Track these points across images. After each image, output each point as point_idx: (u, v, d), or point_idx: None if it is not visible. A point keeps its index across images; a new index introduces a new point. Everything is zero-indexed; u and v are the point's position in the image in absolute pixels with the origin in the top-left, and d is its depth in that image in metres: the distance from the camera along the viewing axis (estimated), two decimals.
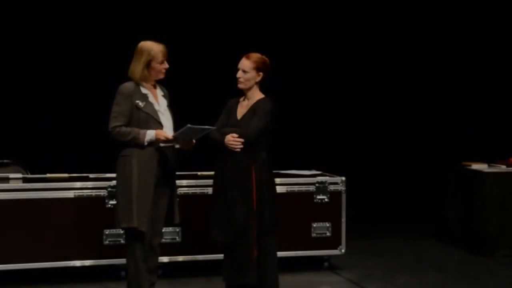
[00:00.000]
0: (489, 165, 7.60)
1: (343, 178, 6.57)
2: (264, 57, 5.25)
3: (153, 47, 5.07)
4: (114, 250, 6.00)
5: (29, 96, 8.18)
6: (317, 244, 6.48)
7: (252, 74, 5.19)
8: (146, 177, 4.94)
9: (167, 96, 5.26)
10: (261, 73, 5.22)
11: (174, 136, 4.92)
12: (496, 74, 9.67)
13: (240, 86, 5.24)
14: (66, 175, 6.45)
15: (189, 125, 4.84)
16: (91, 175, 6.47)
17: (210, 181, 5.67)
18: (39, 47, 8.24)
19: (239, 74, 5.21)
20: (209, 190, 5.77)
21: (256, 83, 5.23)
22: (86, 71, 8.28)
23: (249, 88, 5.23)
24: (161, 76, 5.15)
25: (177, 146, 5.09)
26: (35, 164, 6.99)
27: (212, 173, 5.55)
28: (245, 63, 5.19)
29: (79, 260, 5.98)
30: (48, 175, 6.46)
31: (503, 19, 9.60)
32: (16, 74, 8.17)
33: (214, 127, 5.00)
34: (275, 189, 5.25)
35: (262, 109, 5.14)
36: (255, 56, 5.22)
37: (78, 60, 8.29)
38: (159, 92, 5.20)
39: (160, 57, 5.06)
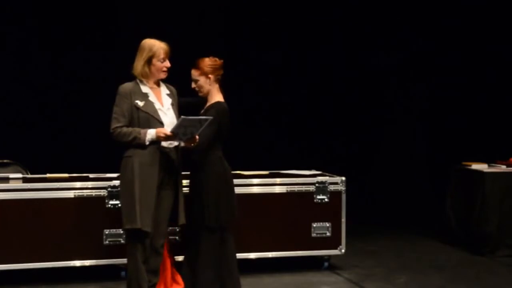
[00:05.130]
0: (489, 165, 7.60)
1: (343, 178, 6.57)
2: (209, 59, 5.33)
3: (155, 44, 5.07)
4: (114, 250, 6.00)
5: (29, 96, 8.17)
6: (317, 244, 6.48)
7: (201, 80, 5.30)
8: (149, 178, 4.94)
9: (174, 94, 5.24)
10: (210, 76, 5.31)
11: (172, 132, 4.91)
12: (496, 74, 9.68)
13: (200, 94, 5.36)
14: (66, 175, 6.45)
15: (183, 117, 4.85)
16: (91, 175, 6.47)
17: None
18: (39, 47, 8.24)
19: (193, 85, 5.36)
20: None
21: (211, 86, 5.32)
22: (87, 71, 8.27)
23: (207, 93, 5.34)
24: (163, 76, 5.13)
25: (182, 144, 5.08)
26: (35, 164, 6.99)
27: None
28: (193, 73, 5.33)
29: (79, 260, 5.98)
30: (48, 175, 6.46)
31: (503, 18, 9.61)
32: (16, 74, 8.17)
33: (211, 117, 5.00)
34: (205, 188, 5.23)
35: (208, 116, 5.17)
36: (201, 62, 5.31)
37: (78, 60, 8.29)
38: (163, 90, 5.18)
39: (161, 54, 5.05)
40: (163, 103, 5.12)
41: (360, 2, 9.42)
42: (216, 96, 5.34)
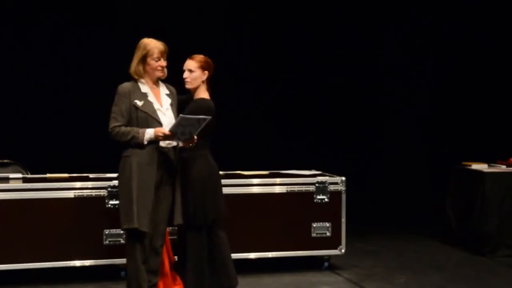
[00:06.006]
0: (489, 165, 7.60)
1: (343, 178, 6.57)
2: (206, 57, 5.40)
3: (150, 43, 5.08)
4: (114, 250, 6.00)
5: (30, 96, 8.17)
6: (317, 244, 6.48)
7: (198, 72, 5.34)
8: (147, 178, 4.93)
9: (173, 94, 5.24)
10: (206, 72, 5.36)
11: (171, 131, 4.91)
12: (496, 74, 9.68)
13: (188, 86, 5.38)
14: (66, 175, 6.45)
15: (182, 115, 4.85)
16: (91, 175, 6.47)
17: None
18: (40, 47, 8.24)
19: (185, 74, 5.37)
20: None
21: (203, 82, 5.36)
22: (87, 71, 8.27)
23: (196, 88, 5.36)
24: (159, 74, 5.12)
25: (180, 144, 5.08)
26: (35, 164, 6.99)
27: None
28: (190, 63, 5.36)
29: (79, 260, 5.98)
30: (48, 175, 6.46)
31: (503, 18, 9.61)
32: (17, 75, 8.17)
33: (209, 117, 5.00)
34: (191, 186, 5.25)
35: (186, 111, 5.18)
36: (199, 56, 5.38)
37: (78, 59, 8.29)
38: (163, 90, 5.18)
39: (155, 53, 5.04)
40: (162, 103, 5.12)
41: (360, 3, 9.42)
42: (203, 94, 5.37)
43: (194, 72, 5.34)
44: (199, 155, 5.28)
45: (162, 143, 5.02)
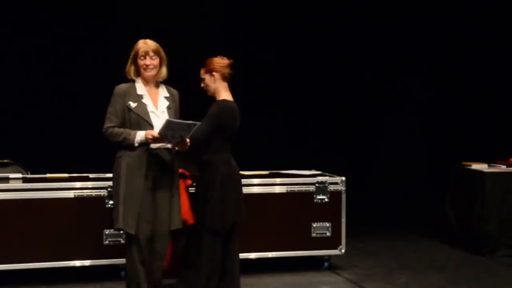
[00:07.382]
0: (489, 165, 7.60)
1: (343, 178, 6.57)
2: (218, 58, 5.30)
3: (139, 42, 5.08)
4: (114, 250, 6.00)
5: (29, 96, 8.18)
6: (317, 244, 6.48)
7: (206, 78, 5.29)
8: (135, 179, 4.90)
9: (174, 97, 5.19)
10: (214, 74, 5.27)
11: (160, 134, 4.87)
12: (496, 74, 9.68)
13: (208, 93, 5.33)
14: (66, 175, 6.45)
15: (168, 119, 4.80)
16: (91, 175, 6.47)
17: None
18: (39, 47, 8.24)
19: (201, 84, 5.33)
20: None
21: (217, 84, 5.27)
22: (87, 70, 8.28)
23: (214, 92, 5.30)
24: (147, 73, 5.03)
25: (170, 146, 5.02)
26: (35, 164, 6.99)
27: None
28: (200, 72, 5.32)
29: (79, 260, 5.98)
30: (48, 175, 6.46)
31: (502, 19, 9.61)
32: (16, 74, 8.18)
33: (199, 123, 4.92)
34: (210, 189, 5.18)
35: (208, 113, 5.16)
36: (208, 61, 5.30)
37: (78, 59, 8.30)
38: (162, 93, 5.14)
39: (140, 52, 5.02)
40: (157, 106, 5.07)
41: (360, 3, 9.43)
42: (223, 95, 5.27)
43: (204, 79, 5.29)
44: (219, 158, 5.21)
45: (153, 145, 4.99)
